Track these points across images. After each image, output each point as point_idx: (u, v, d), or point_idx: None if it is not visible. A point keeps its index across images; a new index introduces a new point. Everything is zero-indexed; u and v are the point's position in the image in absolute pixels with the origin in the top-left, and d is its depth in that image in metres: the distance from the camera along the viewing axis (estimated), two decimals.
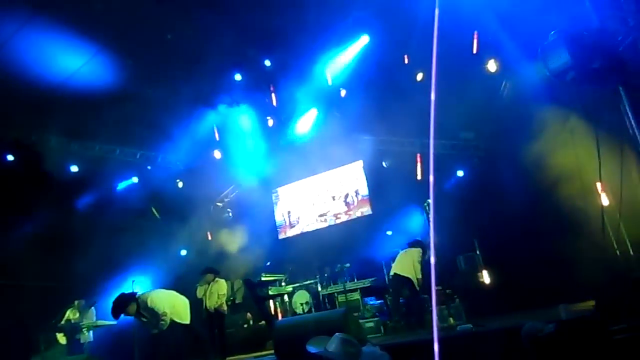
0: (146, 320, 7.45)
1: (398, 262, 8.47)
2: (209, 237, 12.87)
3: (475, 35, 9.14)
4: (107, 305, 10.16)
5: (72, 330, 9.32)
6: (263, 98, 11.81)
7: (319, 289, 10.56)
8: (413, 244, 8.63)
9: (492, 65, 9.39)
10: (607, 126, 5.39)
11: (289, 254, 12.10)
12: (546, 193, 8.33)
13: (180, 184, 12.80)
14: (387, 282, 9.02)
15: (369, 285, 10.10)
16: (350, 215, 12.26)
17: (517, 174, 9.01)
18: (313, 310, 10.15)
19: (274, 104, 11.69)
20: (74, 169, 10.88)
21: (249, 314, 10.83)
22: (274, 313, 10.66)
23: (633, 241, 6.19)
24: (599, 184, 5.99)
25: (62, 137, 10.86)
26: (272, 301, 10.80)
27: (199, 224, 12.69)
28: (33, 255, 9.85)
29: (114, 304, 7.21)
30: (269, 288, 10.60)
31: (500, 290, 8.86)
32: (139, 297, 7.41)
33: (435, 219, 7.49)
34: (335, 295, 10.21)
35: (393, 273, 8.41)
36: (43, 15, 7.85)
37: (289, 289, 10.78)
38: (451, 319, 7.03)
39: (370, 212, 11.92)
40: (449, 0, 8.02)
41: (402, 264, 8.36)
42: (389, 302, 9.37)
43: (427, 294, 8.17)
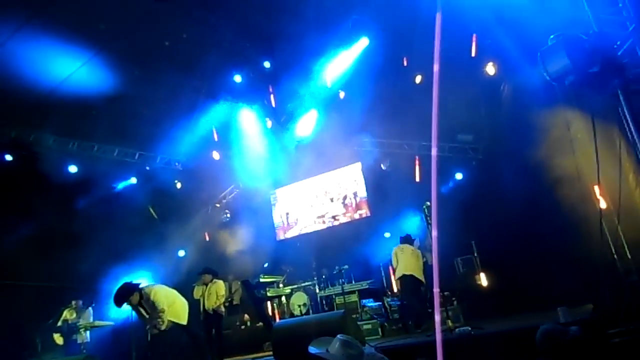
0: (145, 315, 7.37)
1: (407, 263, 8.29)
2: (207, 238, 12.86)
3: (474, 38, 9.17)
4: (104, 306, 10.27)
5: (69, 330, 9.28)
6: (262, 99, 11.82)
7: (317, 290, 10.57)
8: (408, 239, 8.62)
9: (491, 68, 9.42)
10: (606, 130, 5.41)
11: (287, 256, 12.10)
12: (544, 196, 8.35)
13: (178, 185, 12.79)
14: (400, 283, 8.57)
15: (367, 287, 10.11)
16: (348, 217, 12.28)
17: (515, 177, 9.02)
18: (311, 311, 10.15)
19: (273, 105, 11.70)
20: (73, 169, 10.85)
21: (247, 315, 10.83)
22: (271, 314, 10.66)
23: (631, 245, 6.19)
24: (597, 188, 6.00)
25: (61, 137, 10.83)
26: (270, 302, 10.81)
27: (197, 225, 12.71)
28: (30, 255, 9.82)
29: (118, 291, 7.15)
30: (267, 289, 10.61)
31: (498, 293, 8.88)
32: (142, 289, 7.35)
33: (435, 221, 7.56)
34: (333, 297, 10.22)
35: (409, 274, 8.17)
36: (41, 16, 7.85)
37: (287, 290, 10.78)
38: (449, 322, 7.03)
39: (368, 214, 11.94)
40: (447, 2, 8.12)
41: (413, 265, 8.23)
42: (386, 304, 9.38)
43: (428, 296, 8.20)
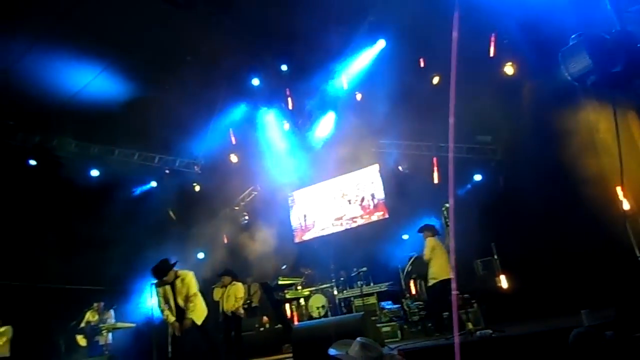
0: (171, 299, 7.16)
1: (445, 263, 7.92)
2: (226, 241, 12.95)
3: (493, 39, 9.10)
4: (126, 308, 10.42)
5: (92, 332, 9.43)
6: (279, 102, 11.88)
7: (335, 292, 10.56)
8: (432, 229, 8.41)
9: (509, 68, 9.34)
10: (629, 130, 5.33)
11: (305, 258, 12.12)
12: (566, 197, 8.26)
13: (197, 188, 12.91)
14: (443, 285, 7.99)
15: (386, 289, 10.07)
16: (366, 219, 12.25)
17: (536, 177, 8.93)
18: (329, 314, 10.15)
19: (291, 108, 11.74)
20: (94, 173, 11.03)
21: (266, 318, 10.87)
22: (290, 317, 10.68)
23: None
24: (620, 189, 5.91)
25: (82, 142, 11.03)
26: (289, 305, 10.83)
27: (215, 228, 12.80)
28: (53, 258, 10.02)
29: (158, 266, 7.11)
30: (285, 292, 10.64)
31: (519, 295, 8.76)
32: (178, 270, 7.30)
33: (453, 222, 7.49)
34: (351, 299, 10.21)
35: (448, 278, 7.76)
36: (63, 24, 8.02)
37: (306, 292, 10.79)
38: (469, 324, 6.96)
39: (386, 216, 11.90)
40: (466, 2, 8.08)
41: (446, 265, 7.90)
42: (405, 307, 9.34)
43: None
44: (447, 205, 7.69)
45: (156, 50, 9.35)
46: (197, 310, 7.31)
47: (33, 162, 10.24)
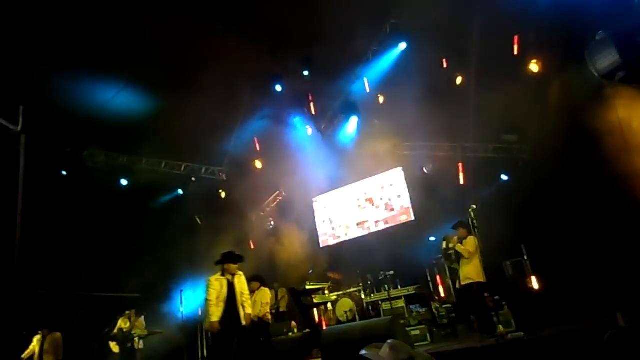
0: (226, 294, 7.04)
1: (480, 265, 7.64)
2: (252, 246, 13.05)
3: (517, 38, 8.98)
4: (157, 314, 10.59)
5: (124, 339, 9.62)
6: (303, 107, 11.94)
7: (363, 296, 10.53)
8: (469, 227, 7.79)
9: (535, 66, 9.20)
10: None
11: (331, 262, 12.12)
12: (597, 196, 8.07)
13: (223, 194, 13.05)
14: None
15: (414, 292, 9.99)
16: (391, 222, 12.17)
17: (564, 176, 8.77)
18: (357, 318, 10.12)
19: (314, 113, 11.79)
20: (124, 182, 11.26)
21: (294, 322, 10.89)
22: (318, 321, 10.69)
23: None
24: None
25: (111, 152, 11.29)
26: (316, 309, 10.84)
27: (242, 233, 12.92)
28: (86, 266, 10.26)
29: (231, 254, 7.21)
30: (313, 296, 10.65)
31: (550, 297, 8.57)
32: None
33: (480, 224, 7.40)
34: (379, 302, 10.16)
35: (484, 282, 7.56)
36: (90, 40, 8.25)
37: (333, 297, 10.78)
38: (500, 327, 6.85)
39: (412, 219, 11.80)
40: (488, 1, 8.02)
41: (481, 268, 7.63)
42: (434, 309, 9.26)
43: None
44: (474, 206, 7.60)
45: (180, 60, 9.51)
46: (248, 309, 7.24)
47: (64, 173, 10.51)
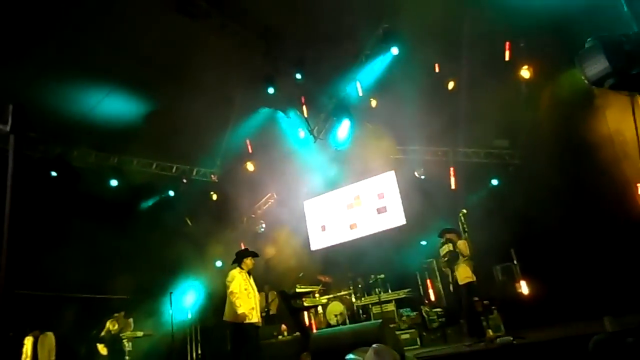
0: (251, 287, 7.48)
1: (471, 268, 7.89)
2: (243, 249, 12.99)
3: (508, 43, 9.04)
4: (146, 316, 10.51)
5: (113, 341, 9.55)
6: (295, 110, 11.93)
7: (353, 300, 10.53)
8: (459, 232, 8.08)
9: (526, 72, 9.27)
10: None
11: (322, 265, 12.10)
12: (586, 201, 8.14)
13: (214, 197, 13.01)
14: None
15: (404, 296, 10.02)
16: (383, 225, 12.18)
17: (554, 181, 8.83)
18: (347, 321, 10.12)
19: (306, 115, 11.77)
20: (114, 183, 11.18)
21: (284, 325, 10.87)
22: (308, 324, 10.67)
23: None
24: None
25: (102, 153, 11.21)
26: (307, 312, 10.81)
27: (233, 236, 12.88)
28: (74, 268, 10.15)
29: (245, 251, 7.83)
30: (303, 299, 10.64)
31: (539, 302, 8.64)
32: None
33: (471, 228, 7.46)
34: (369, 306, 10.17)
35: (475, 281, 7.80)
36: (80, 40, 8.20)
37: (323, 300, 10.78)
38: (490, 331, 6.89)
39: (403, 223, 11.82)
40: (481, 5, 8.07)
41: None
42: (424, 314, 9.28)
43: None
44: (465, 211, 7.65)
45: (173, 61, 9.48)
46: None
47: (54, 174, 10.40)
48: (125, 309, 10.18)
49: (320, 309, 10.76)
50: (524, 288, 9.06)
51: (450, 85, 10.08)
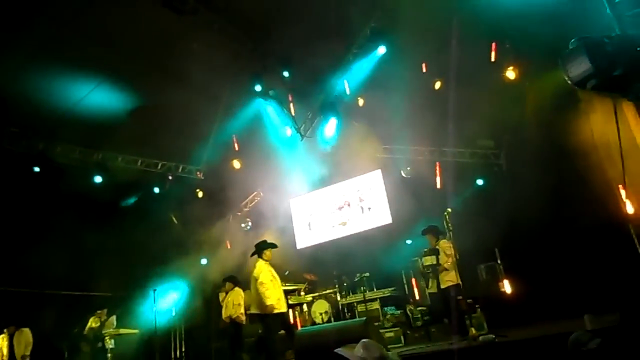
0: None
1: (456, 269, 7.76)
2: (229, 246, 12.95)
3: (494, 44, 9.11)
4: (129, 314, 10.43)
5: (95, 338, 9.46)
6: (282, 108, 11.90)
7: (338, 298, 10.55)
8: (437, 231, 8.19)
9: (511, 73, 9.34)
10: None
11: (308, 264, 12.10)
12: (569, 201, 8.23)
13: (200, 194, 12.93)
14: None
15: (389, 294, 10.05)
16: (369, 224, 12.21)
17: (538, 182, 8.91)
18: (332, 319, 10.14)
19: (293, 114, 11.75)
20: (98, 179, 11.05)
21: None
22: (293, 322, 10.67)
23: None
24: (623, 192, 5.90)
25: (86, 149, 11.07)
26: (292, 310, 10.81)
27: (218, 234, 12.81)
28: (57, 265, 10.03)
29: (260, 244, 7.86)
30: (288, 297, 10.63)
31: (522, 301, 8.74)
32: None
33: (456, 227, 7.50)
34: (354, 304, 10.20)
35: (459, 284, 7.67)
36: (65, 34, 8.09)
37: (309, 298, 10.79)
38: (473, 329, 6.94)
39: (389, 222, 11.87)
40: (467, 7, 8.12)
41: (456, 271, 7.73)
42: (408, 312, 9.33)
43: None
44: (449, 210, 7.69)
45: (159, 57, 9.39)
46: None
47: (37, 169, 10.25)
48: (108, 306, 10.09)
49: (305, 307, 10.77)
50: (507, 287, 9.15)
51: (437, 85, 10.12)
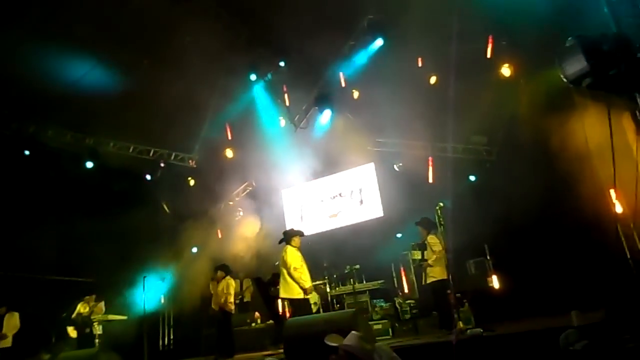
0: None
1: (444, 264, 7.75)
2: (220, 236, 12.93)
3: (490, 40, 9.11)
4: (118, 300, 10.41)
5: (83, 324, 9.43)
6: (276, 98, 11.86)
7: (328, 289, 10.56)
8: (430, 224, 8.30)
9: (506, 70, 9.36)
10: (623, 133, 5.37)
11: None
12: (559, 199, 8.29)
13: (192, 182, 12.88)
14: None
15: (378, 287, 10.09)
16: (360, 217, 12.24)
17: (530, 179, 8.96)
18: (321, 310, 10.16)
19: (287, 104, 11.72)
20: (89, 164, 10.96)
21: (257, 313, 10.87)
22: (282, 313, 10.69)
23: None
24: (613, 192, 5.96)
25: (78, 133, 10.97)
26: (281, 301, 10.82)
27: (209, 223, 12.78)
28: (46, 249, 9.99)
29: (289, 232, 8.11)
30: (278, 287, 10.64)
31: (510, 296, 8.80)
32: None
33: (447, 222, 7.53)
34: (343, 296, 10.22)
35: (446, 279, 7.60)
36: (60, 16, 7.99)
37: None
38: (460, 323, 6.99)
39: (381, 215, 11.89)
40: (464, 3, 8.11)
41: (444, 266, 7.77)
42: (397, 305, 9.37)
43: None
44: (442, 204, 7.72)
45: (154, 43, 9.31)
46: None
47: (27, 152, 10.16)
48: (97, 292, 10.05)
49: None
50: (495, 282, 9.21)
51: (433, 79, 10.12)
